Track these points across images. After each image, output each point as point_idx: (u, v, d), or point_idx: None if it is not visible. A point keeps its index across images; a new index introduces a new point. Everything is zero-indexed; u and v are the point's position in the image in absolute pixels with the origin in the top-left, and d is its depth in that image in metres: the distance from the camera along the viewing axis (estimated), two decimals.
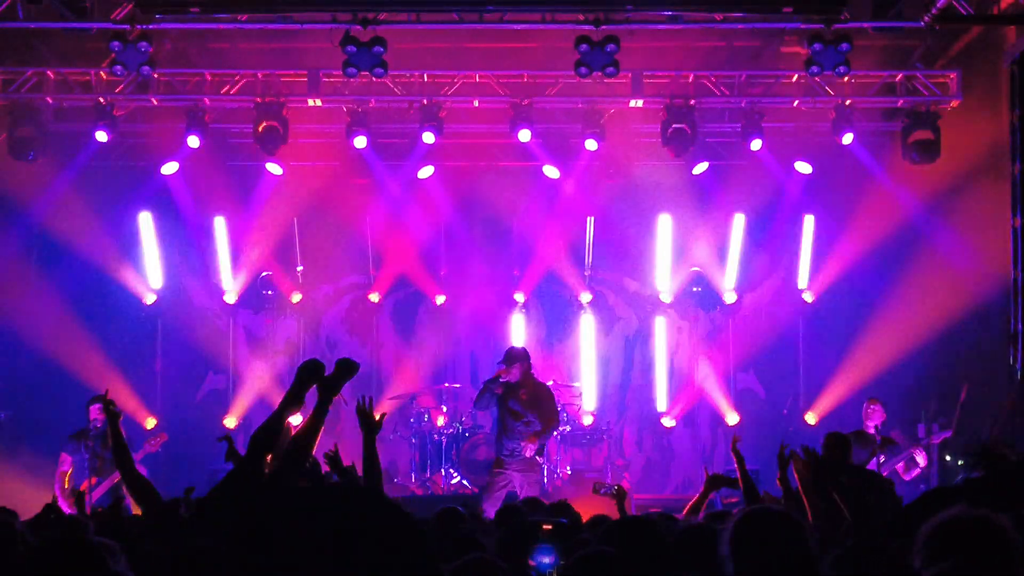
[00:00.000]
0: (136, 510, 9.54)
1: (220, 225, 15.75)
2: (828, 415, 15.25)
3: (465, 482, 14.10)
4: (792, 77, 14.25)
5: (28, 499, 11.14)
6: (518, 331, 16.12)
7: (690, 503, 8.36)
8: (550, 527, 4.57)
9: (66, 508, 11.26)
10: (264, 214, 15.80)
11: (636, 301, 16.56)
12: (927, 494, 5.01)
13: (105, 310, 15.58)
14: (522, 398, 12.12)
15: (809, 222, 15.90)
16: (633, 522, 5.78)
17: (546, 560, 4.49)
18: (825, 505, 6.45)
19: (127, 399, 14.52)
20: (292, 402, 6.31)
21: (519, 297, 16.18)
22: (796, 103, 14.55)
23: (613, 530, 5.09)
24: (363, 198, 15.92)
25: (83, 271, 15.36)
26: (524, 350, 12.48)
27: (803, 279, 16.00)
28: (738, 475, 8.04)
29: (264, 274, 16.01)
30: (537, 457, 12.21)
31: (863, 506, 6.22)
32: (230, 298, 15.94)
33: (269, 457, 6.44)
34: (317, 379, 6.29)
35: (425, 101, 14.40)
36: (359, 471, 7.30)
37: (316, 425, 6.35)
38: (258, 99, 14.22)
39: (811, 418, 15.53)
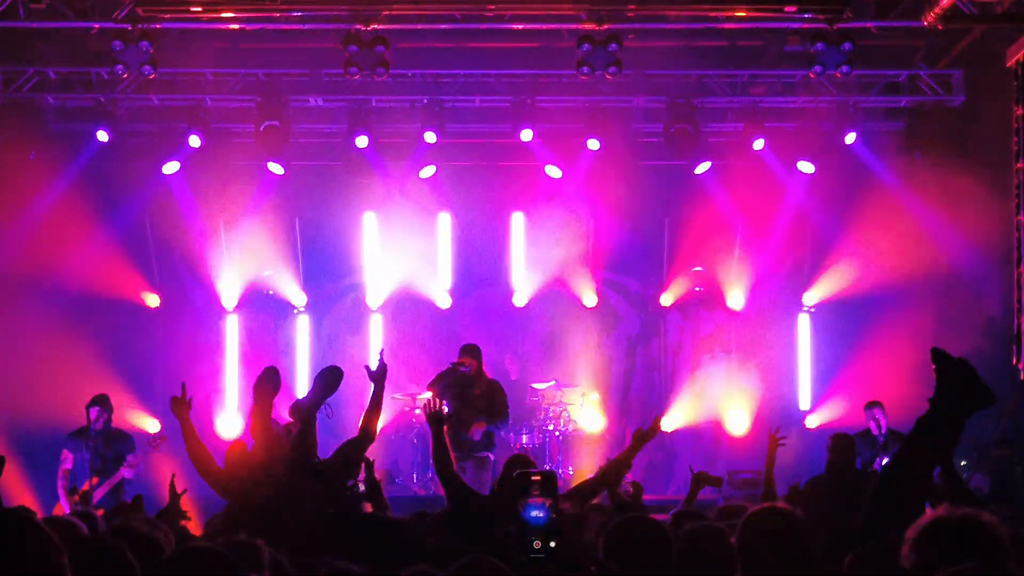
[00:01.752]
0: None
1: (221, 225, 15.72)
2: (830, 417, 15.22)
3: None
4: (795, 76, 14.25)
5: (31, 499, 11.15)
6: (520, 331, 16.10)
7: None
8: (539, 477, 4.59)
9: (68, 507, 11.26)
10: (265, 214, 15.77)
11: (638, 302, 16.52)
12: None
13: (106, 311, 15.54)
14: (475, 395, 12.31)
15: (810, 222, 15.89)
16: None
17: (538, 513, 4.52)
18: None
19: (128, 401, 14.49)
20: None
21: (521, 298, 16.14)
22: (799, 103, 14.55)
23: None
24: (365, 198, 15.88)
25: (83, 271, 15.31)
26: (479, 347, 12.58)
27: (805, 280, 15.98)
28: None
29: (266, 274, 15.99)
30: (490, 455, 12.36)
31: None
32: (231, 299, 15.91)
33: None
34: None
35: (427, 100, 14.38)
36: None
37: (310, 439, 6.49)
38: (259, 98, 14.21)
39: (812, 421, 15.49)
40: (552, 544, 4.50)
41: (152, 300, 15.84)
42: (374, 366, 7.83)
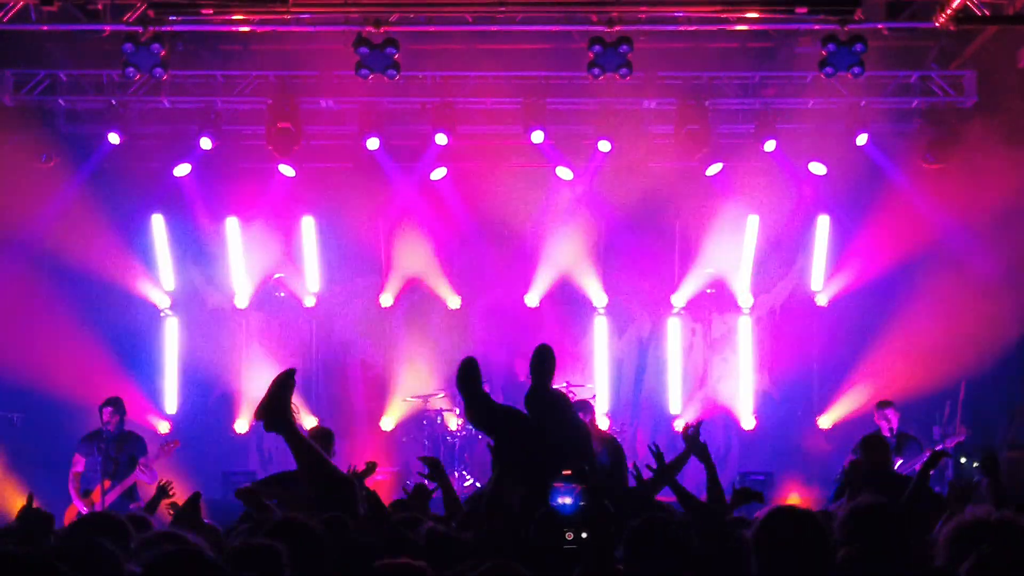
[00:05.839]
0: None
1: (232, 227, 15.72)
2: (842, 419, 15.18)
3: (478, 484, 14.06)
4: (806, 78, 14.21)
5: (39, 500, 11.15)
6: (531, 333, 16.07)
7: None
8: (570, 472, 4.50)
9: (81, 508, 11.32)
10: (276, 216, 15.79)
11: (650, 303, 16.48)
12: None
13: (117, 312, 15.56)
14: None
15: (823, 223, 15.83)
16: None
17: (566, 502, 4.43)
18: None
19: (139, 402, 14.52)
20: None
21: (532, 299, 16.12)
22: (810, 104, 14.51)
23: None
24: (376, 200, 15.88)
25: (95, 273, 15.34)
26: None
27: (817, 281, 15.94)
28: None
29: (277, 276, 15.99)
30: None
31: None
32: (242, 301, 15.91)
33: None
34: None
35: (437, 102, 14.37)
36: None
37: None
38: (270, 100, 14.22)
39: (825, 422, 15.44)
40: (584, 535, 4.34)
41: (163, 302, 15.85)
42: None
